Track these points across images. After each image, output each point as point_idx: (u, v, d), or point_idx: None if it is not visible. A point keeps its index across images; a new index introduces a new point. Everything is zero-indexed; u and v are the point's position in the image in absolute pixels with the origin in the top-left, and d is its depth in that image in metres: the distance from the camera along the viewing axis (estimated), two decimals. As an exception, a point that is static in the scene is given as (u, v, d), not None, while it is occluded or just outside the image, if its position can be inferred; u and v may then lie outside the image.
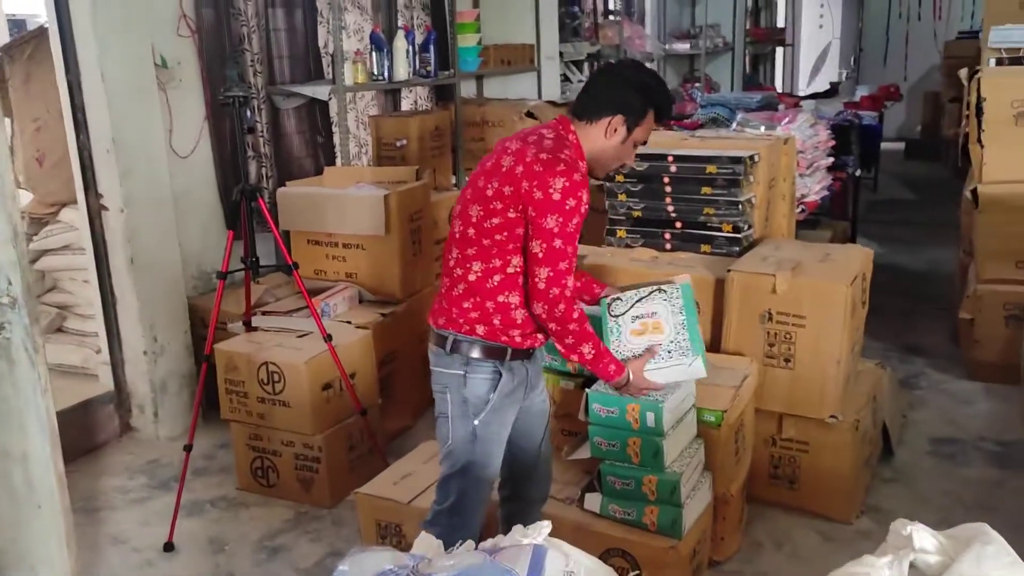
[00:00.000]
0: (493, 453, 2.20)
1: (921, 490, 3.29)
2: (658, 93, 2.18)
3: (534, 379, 2.30)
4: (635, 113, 2.14)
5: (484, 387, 2.14)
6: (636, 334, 2.21)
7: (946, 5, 11.51)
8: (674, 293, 2.28)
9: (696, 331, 2.20)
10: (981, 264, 4.17)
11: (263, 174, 4.43)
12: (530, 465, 2.37)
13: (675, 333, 2.20)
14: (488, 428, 2.16)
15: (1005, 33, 5.20)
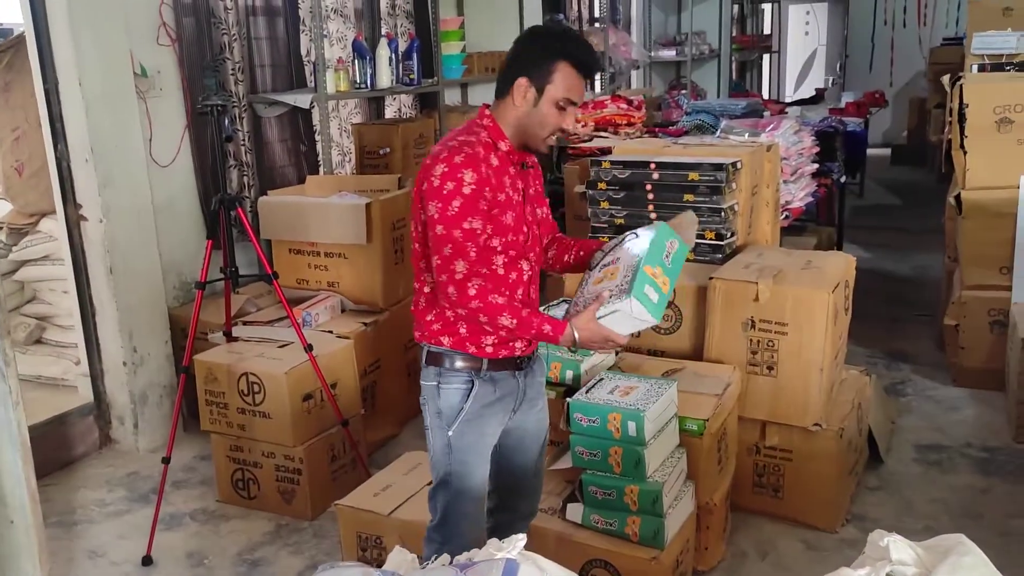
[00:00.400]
0: (471, 464, 2.14)
1: (907, 498, 3.28)
2: (564, 43, 2.02)
3: (530, 393, 2.21)
4: (538, 69, 1.99)
5: (456, 397, 2.10)
6: (597, 282, 2.03)
7: (931, 12, 11.57)
8: (645, 235, 2.04)
9: (644, 273, 1.91)
10: (966, 270, 4.17)
11: (245, 183, 4.40)
12: (519, 480, 2.29)
13: (622, 276, 1.96)
14: (463, 439, 2.11)
15: (988, 40, 5.23)
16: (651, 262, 1.94)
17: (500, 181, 2.03)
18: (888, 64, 11.94)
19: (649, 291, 1.91)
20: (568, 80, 2.00)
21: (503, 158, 2.06)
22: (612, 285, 1.96)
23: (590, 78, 2.03)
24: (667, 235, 2.01)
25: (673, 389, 2.58)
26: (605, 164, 3.49)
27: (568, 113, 2.04)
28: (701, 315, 3.13)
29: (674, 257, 2.01)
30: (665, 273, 1.95)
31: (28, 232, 4.20)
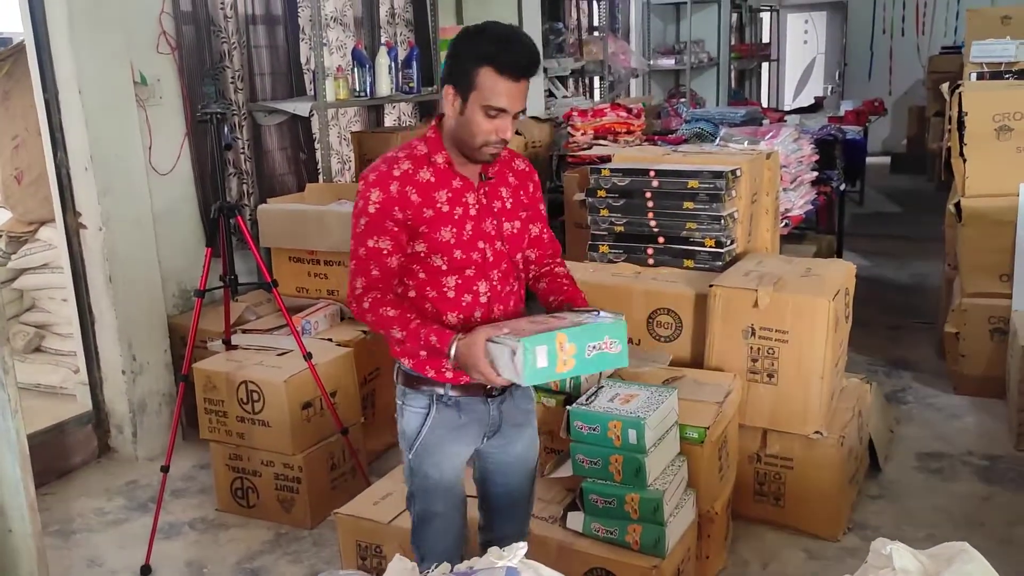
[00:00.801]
0: (430, 491, 2.07)
1: (908, 506, 3.27)
2: (483, 45, 1.84)
3: (510, 420, 2.10)
4: (462, 76, 1.86)
5: (414, 421, 2.04)
6: (528, 322, 1.91)
7: (929, 20, 11.60)
8: (603, 317, 1.89)
9: (553, 338, 1.74)
10: (965, 277, 4.17)
11: (244, 191, 4.39)
12: (502, 505, 2.20)
13: (541, 327, 1.82)
14: (421, 464, 2.05)
15: (986, 48, 5.25)
16: (571, 336, 1.77)
17: (429, 196, 1.92)
18: (887, 72, 11.96)
19: (541, 354, 1.74)
20: (489, 83, 1.83)
21: (441, 172, 1.94)
22: (529, 327, 1.83)
23: (522, 79, 1.84)
24: (616, 333, 1.81)
25: (673, 397, 2.58)
26: (605, 172, 3.49)
27: (501, 120, 1.86)
28: (701, 323, 3.12)
29: (601, 356, 1.80)
30: (575, 357, 1.76)
31: (27, 240, 4.21)
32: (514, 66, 1.83)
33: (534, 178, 2.13)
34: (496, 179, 2.03)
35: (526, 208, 2.08)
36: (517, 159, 2.11)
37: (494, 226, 2.00)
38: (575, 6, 8.14)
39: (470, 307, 1.99)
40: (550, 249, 2.20)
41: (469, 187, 1.97)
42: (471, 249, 1.96)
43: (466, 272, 1.96)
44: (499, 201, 2.02)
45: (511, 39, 1.86)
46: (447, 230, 1.93)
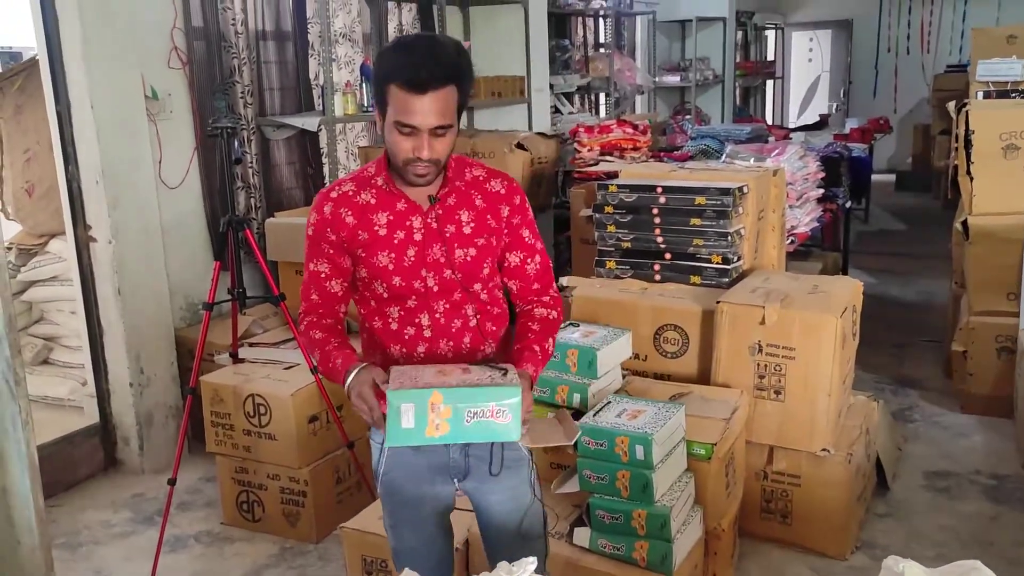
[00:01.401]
0: (398, 526, 2.00)
1: (916, 525, 3.26)
2: (385, 59, 1.76)
3: (479, 469, 1.92)
4: (377, 94, 1.78)
5: (375, 456, 1.98)
6: (437, 371, 1.73)
7: (934, 39, 11.65)
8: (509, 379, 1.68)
9: (424, 395, 1.58)
10: (973, 296, 4.17)
11: (252, 205, 4.42)
12: (494, 544, 2.05)
13: (424, 380, 1.67)
14: (387, 499, 1.99)
15: (992, 67, 5.27)
16: (448, 397, 1.59)
17: (366, 218, 1.83)
18: (892, 91, 12.00)
19: (407, 413, 1.57)
20: (397, 101, 1.72)
21: (383, 193, 1.84)
22: (419, 375, 1.68)
23: (425, 91, 1.69)
24: (505, 400, 1.60)
25: (681, 413, 2.58)
26: (612, 188, 3.50)
27: (415, 138, 1.73)
28: (708, 339, 3.13)
29: (484, 425, 1.60)
30: (451, 422, 1.58)
31: (37, 253, 4.23)
32: (412, 79, 1.69)
33: (513, 200, 1.92)
34: (456, 201, 1.87)
35: (493, 234, 1.89)
36: (494, 179, 1.93)
37: (443, 252, 1.84)
38: (581, 23, 8.19)
39: (412, 341, 1.87)
40: (536, 283, 1.97)
41: (415, 210, 1.84)
42: (412, 277, 1.84)
43: (407, 302, 1.86)
44: (453, 225, 1.86)
45: (411, 50, 1.73)
46: (384, 255, 1.83)
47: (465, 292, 1.88)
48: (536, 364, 1.88)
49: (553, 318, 1.97)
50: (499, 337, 1.96)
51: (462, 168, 1.92)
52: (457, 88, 1.75)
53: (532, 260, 1.96)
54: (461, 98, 1.78)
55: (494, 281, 1.94)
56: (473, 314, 1.90)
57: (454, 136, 1.79)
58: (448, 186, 1.87)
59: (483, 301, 1.92)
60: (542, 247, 2.00)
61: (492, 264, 1.92)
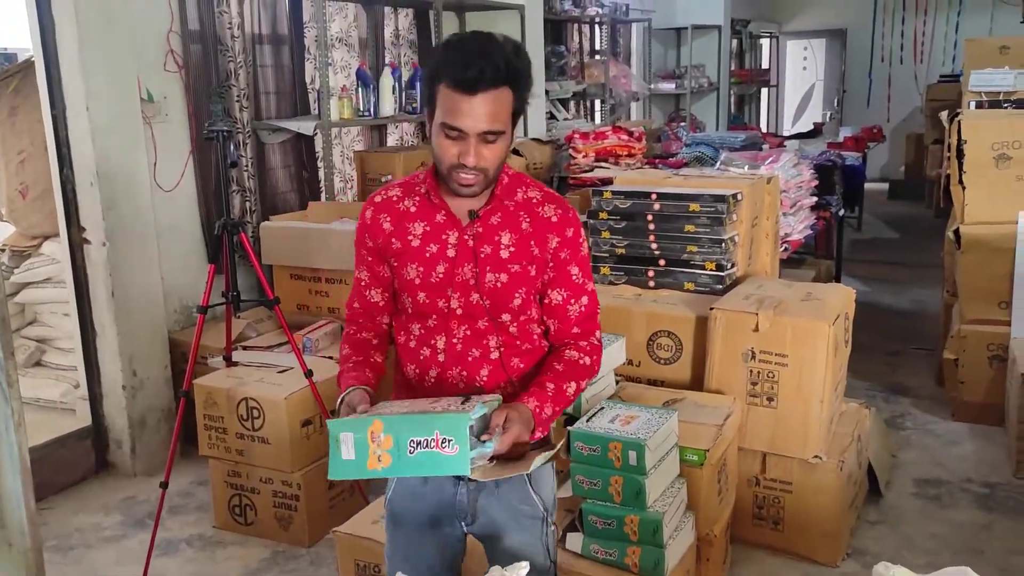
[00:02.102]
0: (391, 557, 1.87)
1: (907, 532, 3.27)
2: (436, 57, 1.64)
3: (484, 515, 1.78)
4: (426, 95, 1.66)
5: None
6: (429, 401, 1.65)
7: (927, 49, 11.71)
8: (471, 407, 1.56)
9: (364, 424, 1.48)
10: (964, 304, 4.19)
11: (247, 208, 4.42)
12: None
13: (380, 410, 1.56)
14: (385, 528, 1.89)
15: (985, 77, 5.30)
16: (389, 426, 1.47)
17: (403, 227, 1.72)
18: (885, 100, 12.06)
19: (346, 443, 1.47)
20: (445, 101, 1.59)
21: (424, 203, 1.73)
22: (393, 408, 1.57)
23: (475, 92, 1.56)
24: (452, 430, 1.46)
25: (674, 419, 2.58)
26: (607, 194, 3.51)
27: (461, 143, 1.60)
28: (701, 345, 3.14)
29: (430, 456, 1.46)
30: (392, 452, 1.46)
31: (30, 254, 4.22)
32: (461, 78, 1.55)
33: (564, 232, 1.73)
34: (500, 221, 1.72)
35: (534, 263, 1.72)
36: (549, 204, 1.75)
37: (473, 274, 1.70)
38: (577, 30, 8.22)
39: (426, 363, 1.75)
40: (577, 326, 1.79)
41: (454, 224, 1.71)
42: (438, 295, 1.71)
43: (428, 321, 1.74)
44: (491, 246, 1.71)
45: (462, 47, 1.59)
46: (413, 268, 1.72)
47: (491, 321, 1.72)
48: (542, 401, 1.68)
49: (584, 364, 1.78)
50: (528, 376, 1.77)
51: (516, 186, 1.75)
52: (512, 91, 1.61)
53: (577, 301, 1.78)
54: (517, 103, 1.62)
55: (528, 314, 1.76)
56: (496, 346, 1.74)
57: (506, 144, 1.65)
58: (493, 203, 1.72)
59: (511, 334, 1.75)
60: (592, 289, 1.81)
61: (527, 296, 1.74)
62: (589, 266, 1.82)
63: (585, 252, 1.79)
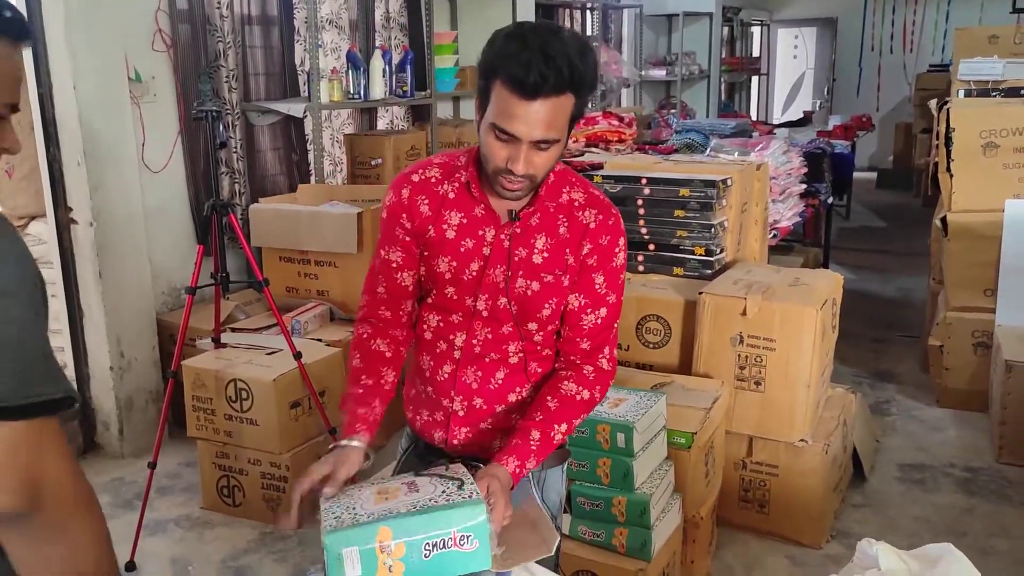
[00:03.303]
0: None
1: (891, 515, 3.30)
2: (494, 48, 1.47)
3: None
4: (481, 86, 1.51)
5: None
6: (378, 494, 1.42)
7: (917, 38, 11.74)
8: (467, 498, 1.36)
9: (371, 533, 1.30)
10: (950, 292, 4.22)
11: (236, 190, 4.40)
12: None
13: (370, 511, 1.36)
14: None
15: (974, 66, 5.30)
16: (399, 530, 1.29)
17: (440, 214, 1.61)
18: (875, 89, 12.09)
19: (351, 558, 1.28)
20: (500, 102, 1.46)
21: (463, 192, 1.62)
22: (357, 501, 1.40)
23: (534, 98, 1.43)
24: (468, 523, 1.32)
25: (662, 402, 2.60)
26: (597, 179, 3.51)
27: (512, 147, 1.47)
28: (690, 330, 3.15)
29: (448, 557, 1.30)
30: (405, 560, 1.29)
31: (17, 235, 4.19)
32: (520, 79, 1.41)
33: (598, 239, 1.62)
34: (539, 223, 1.61)
35: (568, 272, 1.62)
36: (591, 209, 1.63)
37: (504, 277, 1.61)
38: (569, 15, 8.19)
39: (441, 357, 1.68)
40: (588, 340, 1.67)
41: (492, 221, 1.61)
42: (467, 293, 1.63)
43: (451, 316, 1.65)
44: (526, 250, 1.61)
45: (525, 42, 1.42)
46: (445, 261, 1.62)
47: (516, 327, 1.64)
48: (523, 457, 1.55)
49: (581, 399, 1.64)
50: (542, 378, 1.71)
51: (560, 186, 1.64)
52: (574, 98, 1.48)
53: (594, 312, 1.65)
54: (576, 109, 1.50)
55: (555, 324, 1.67)
56: (516, 351, 1.66)
57: (559, 151, 1.52)
58: (535, 204, 1.61)
59: (535, 342, 1.66)
60: (615, 302, 1.67)
61: (559, 305, 1.64)
62: (620, 278, 1.67)
63: (618, 264, 1.65)
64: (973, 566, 1.29)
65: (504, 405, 1.69)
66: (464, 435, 1.70)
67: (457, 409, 1.69)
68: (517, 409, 1.69)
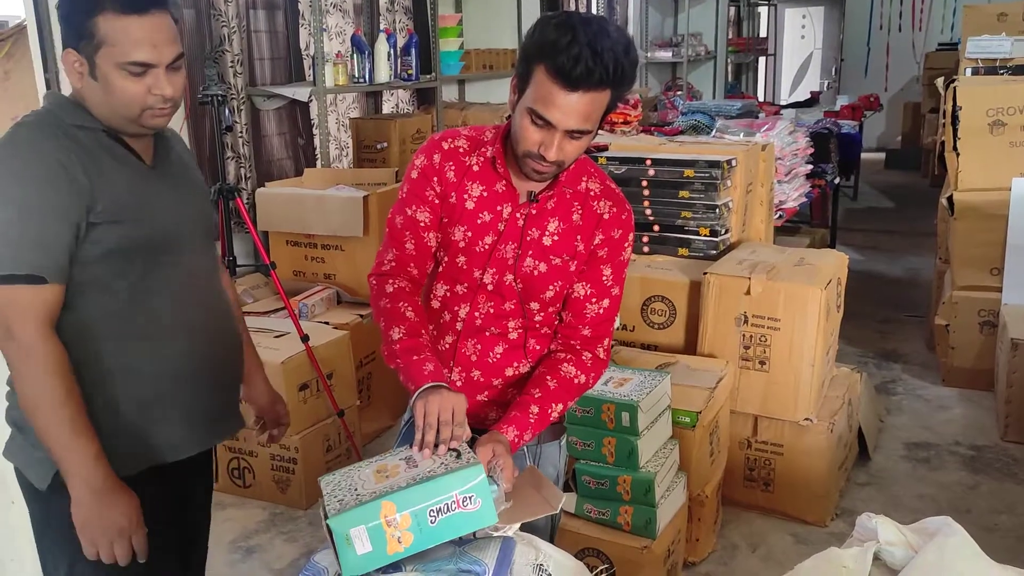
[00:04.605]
0: None
1: (895, 493, 3.32)
2: (542, 34, 1.49)
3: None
4: (522, 68, 1.53)
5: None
6: (378, 472, 1.43)
7: (926, 17, 11.65)
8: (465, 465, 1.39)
9: (374, 509, 1.31)
10: (956, 271, 4.22)
11: (242, 175, 4.41)
12: None
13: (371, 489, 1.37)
14: None
15: (982, 44, 5.29)
16: (402, 503, 1.32)
17: (462, 184, 1.66)
18: (883, 69, 12.01)
19: (359, 539, 1.30)
20: (540, 88, 1.49)
21: (487, 165, 1.66)
22: (357, 480, 1.41)
23: (576, 89, 1.46)
24: (468, 484, 1.35)
25: (666, 382, 2.61)
26: (601, 160, 3.52)
27: (546, 133, 1.51)
28: (695, 310, 3.16)
29: (455, 519, 1.34)
30: (413, 530, 1.31)
31: (26, 221, 4.22)
32: (565, 70, 1.44)
33: (611, 231, 1.67)
34: (554, 207, 1.66)
35: (576, 258, 1.67)
36: (606, 200, 1.69)
37: (515, 254, 1.65)
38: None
39: (444, 328, 1.72)
40: (589, 328, 1.71)
41: (511, 198, 1.65)
42: (476, 265, 1.67)
43: (456, 287, 1.70)
44: (538, 231, 1.65)
45: (575, 33, 1.45)
46: (460, 230, 1.66)
47: (519, 305, 1.68)
48: (522, 429, 1.60)
49: (578, 383, 1.69)
50: (540, 357, 1.75)
51: (579, 174, 1.69)
52: (612, 93, 1.51)
53: (598, 302, 1.70)
54: (611, 103, 1.54)
55: (557, 306, 1.72)
56: (516, 328, 1.71)
57: (588, 141, 1.57)
58: (554, 189, 1.65)
59: (536, 321, 1.71)
60: (617, 295, 1.73)
61: (561, 290, 1.69)
62: (623, 274, 1.73)
63: (625, 258, 1.72)
64: (971, 538, 1.31)
65: (501, 379, 1.73)
66: None
67: (455, 379, 1.73)
68: (514, 384, 1.74)
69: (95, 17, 1.48)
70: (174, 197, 1.66)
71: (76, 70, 1.53)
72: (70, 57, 1.53)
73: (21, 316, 1.48)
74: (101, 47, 1.49)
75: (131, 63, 1.50)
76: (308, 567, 1.42)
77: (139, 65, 1.50)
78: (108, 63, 1.50)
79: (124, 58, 1.49)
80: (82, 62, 1.52)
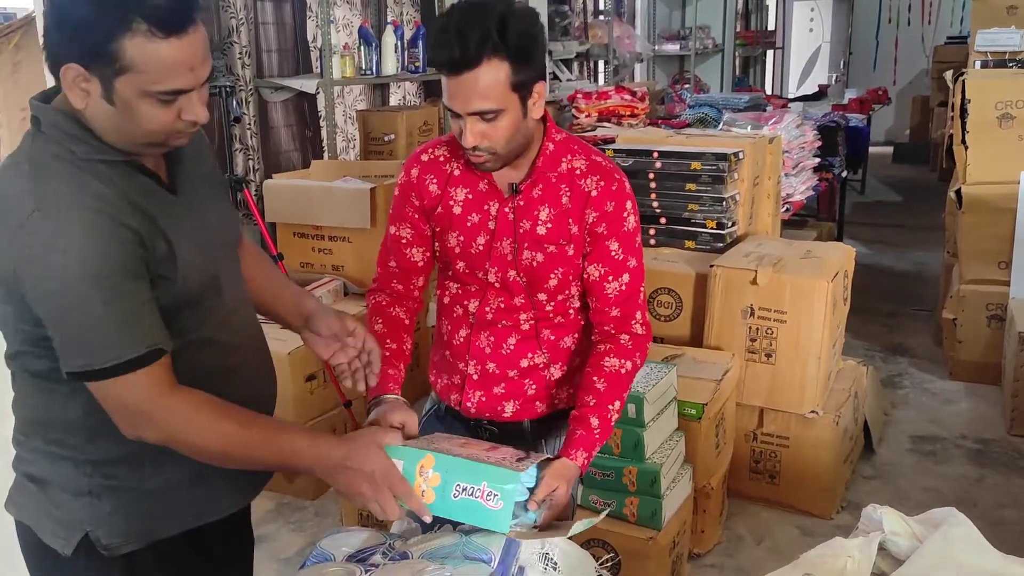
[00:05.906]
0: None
1: (901, 486, 3.32)
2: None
3: None
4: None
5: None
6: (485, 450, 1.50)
7: (935, 10, 11.59)
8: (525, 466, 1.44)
9: (416, 455, 1.41)
10: (964, 264, 4.21)
11: (250, 166, 4.42)
12: None
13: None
14: None
15: (991, 37, 5.26)
16: (440, 463, 1.40)
17: (447, 192, 1.67)
18: (892, 62, 11.95)
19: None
20: (444, 83, 1.54)
21: (467, 167, 1.66)
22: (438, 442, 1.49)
23: (453, 72, 1.49)
24: (501, 484, 1.37)
25: (672, 373, 2.62)
26: (608, 152, 3.52)
27: (461, 122, 1.54)
28: (701, 302, 3.17)
29: (471, 505, 1.37)
30: (436, 490, 1.39)
31: (34, 212, 4.23)
32: (440, 59, 1.49)
33: (603, 206, 1.63)
34: (541, 194, 1.64)
35: (572, 242, 1.64)
36: (592, 176, 1.64)
37: (512, 249, 1.65)
38: (581, -11, 8.14)
39: (458, 322, 1.75)
40: (616, 308, 1.68)
41: (495, 195, 1.65)
42: (476, 267, 1.68)
43: (469, 286, 1.73)
44: (530, 222, 1.64)
45: (444, 22, 1.48)
46: (454, 236, 1.68)
47: (528, 298, 1.68)
48: (590, 448, 1.60)
49: (625, 372, 1.66)
50: (559, 348, 1.73)
51: (560, 155, 1.65)
52: (509, 63, 1.47)
53: (616, 279, 1.66)
54: (519, 74, 1.49)
55: (565, 293, 1.69)
56: (527, 319, 1.70)
57: (513, 120, 1.52)
58: (535, 175, 1.64)
59: (547, 311, 1.70)
60: (636, 267, 1.68)
61: (565, 276, 1.66)
62: (635, 242, 1.68)
63: (631, 228, 1.66)
64: (976, 528, 1.31)
65: (516, 371, 1.74)
66: (478, 399, 1.76)
67: (472, 373, 1.75)
68: (530, 375, 1.74)
69: (121, 40, 1.19)
70: (199, 223, 1.42)
71: (81, 88, 1.23)
72: (72, 73, 1.22)
73: (154, 396, 1.29)
74: (125, 73, 1.21)
75: (165, 92, 1.23)
76: (315, 553, 1.44)
77: (173, 93, 1.25)
78: (132, 90, 1.22)
79: (156, 87, 1.22)
80: (91, 81, 1.23)
